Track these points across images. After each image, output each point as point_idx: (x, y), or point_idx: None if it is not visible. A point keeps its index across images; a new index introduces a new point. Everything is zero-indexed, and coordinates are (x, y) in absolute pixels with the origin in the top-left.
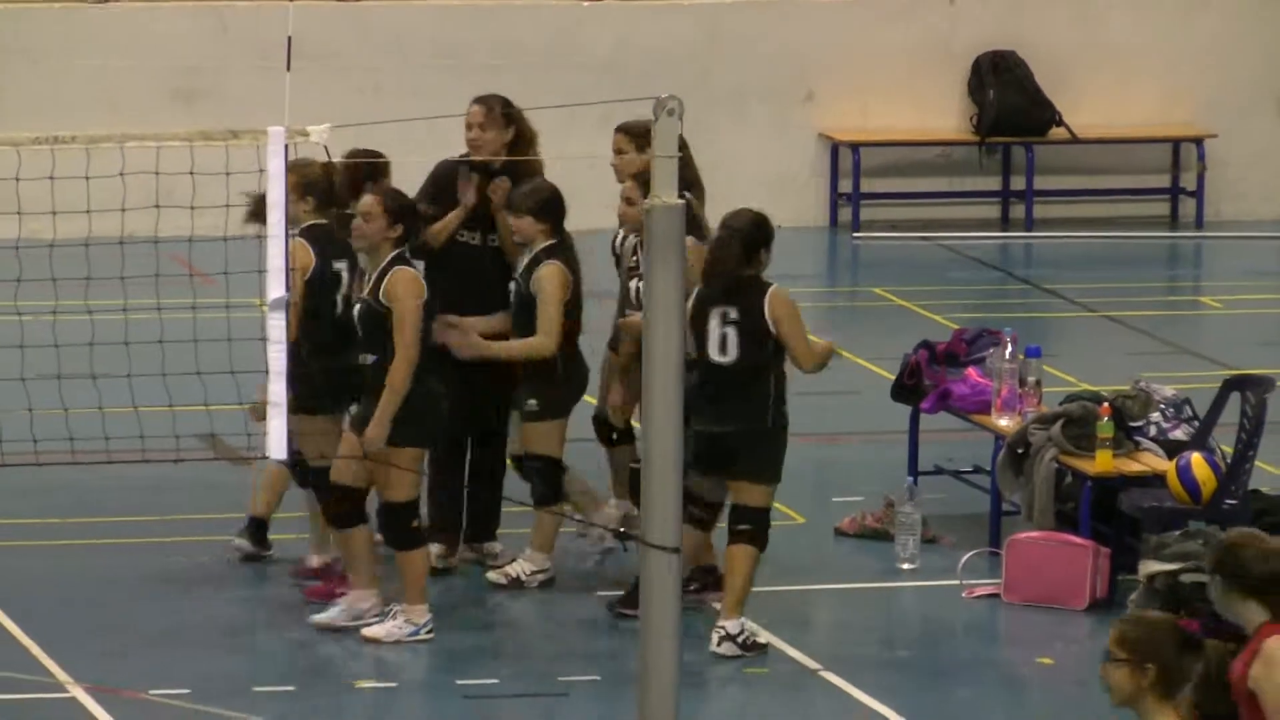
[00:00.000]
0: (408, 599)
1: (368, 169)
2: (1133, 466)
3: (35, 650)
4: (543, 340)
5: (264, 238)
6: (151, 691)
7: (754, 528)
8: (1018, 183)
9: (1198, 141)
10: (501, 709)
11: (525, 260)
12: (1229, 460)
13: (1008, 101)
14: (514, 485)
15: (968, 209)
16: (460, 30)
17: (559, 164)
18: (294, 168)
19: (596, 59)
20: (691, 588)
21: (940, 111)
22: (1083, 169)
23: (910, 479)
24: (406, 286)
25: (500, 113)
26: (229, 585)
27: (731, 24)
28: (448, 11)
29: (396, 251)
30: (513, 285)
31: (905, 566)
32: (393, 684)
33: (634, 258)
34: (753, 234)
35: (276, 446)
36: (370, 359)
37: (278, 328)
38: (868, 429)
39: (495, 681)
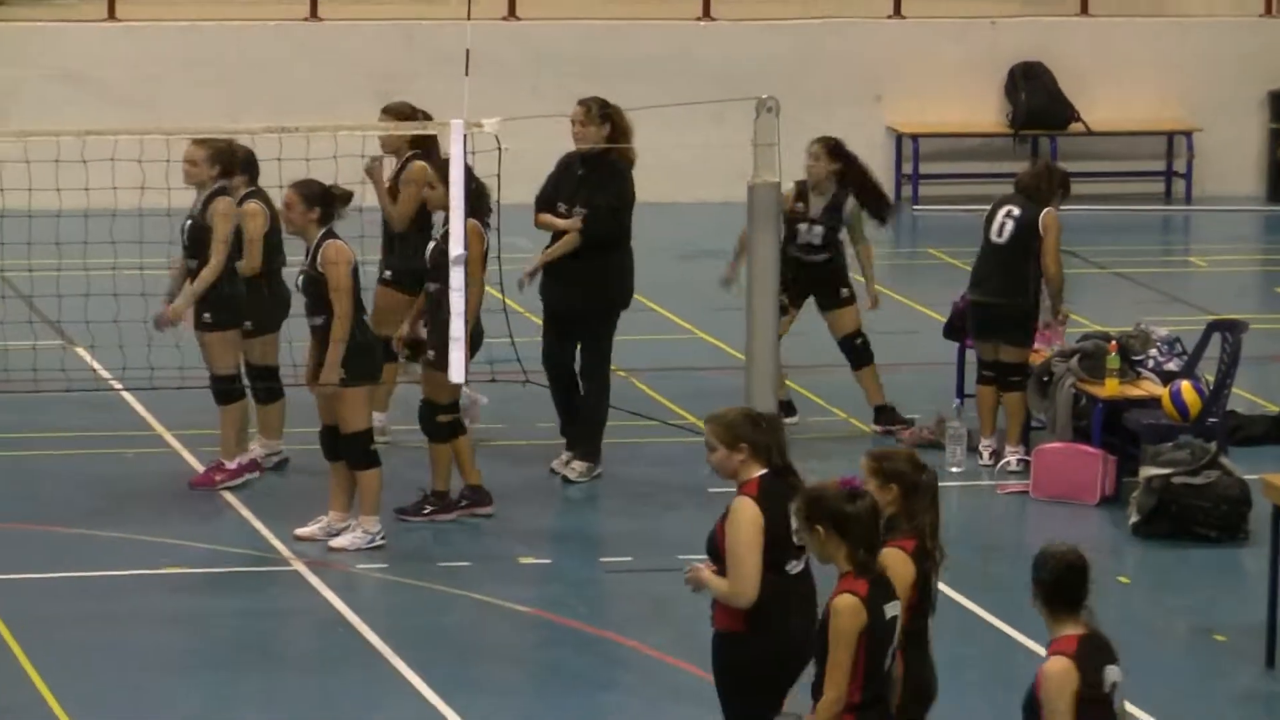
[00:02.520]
0: (364, 512)
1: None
2: (1134, 391)
3: (265, 532)
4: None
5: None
6: (357, 566)
7: (1020, 379)
8: None
9: (1187, 134)
10: (636, 580)
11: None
12: (1212, 387)
13: (1036, 102)
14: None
15: (1004, 187)
16: (600, 45)
17: (678, 149)
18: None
19: (710, 68)
20: (462, 504)
21: (982, 109)
22: (1095, 156)
23: (958, 400)
24: (339, 254)
25: (598, 112)
26: (418, 482)
27: (819, 41)
28: (591, 29)
29: (325, 229)
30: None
31: (954, 470)
32: (548, 560)
33: (444, 228)
34: (1064, 177)
35: (456, 372)
36: (319, 320)
37: (459, 276)
38: (924, 360)
39: (630, 559)
